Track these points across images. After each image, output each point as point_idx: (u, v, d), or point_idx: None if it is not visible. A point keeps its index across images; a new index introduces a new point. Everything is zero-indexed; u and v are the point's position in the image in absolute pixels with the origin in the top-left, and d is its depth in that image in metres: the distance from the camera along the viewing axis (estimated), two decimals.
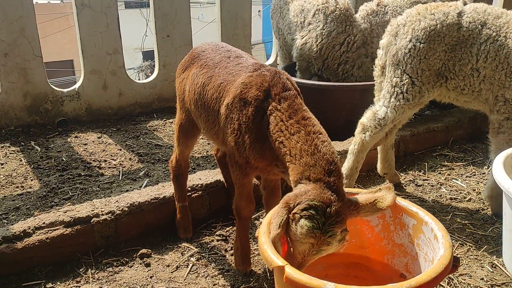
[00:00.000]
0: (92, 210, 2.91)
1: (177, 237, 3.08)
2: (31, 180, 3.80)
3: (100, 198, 3.16)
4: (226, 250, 2.97)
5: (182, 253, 2.94)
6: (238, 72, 2.45)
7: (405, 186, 3.84)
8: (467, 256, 2.93)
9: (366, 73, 4.83)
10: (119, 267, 2.79)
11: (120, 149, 4.43)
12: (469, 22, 3.10)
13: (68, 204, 3.36)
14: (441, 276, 1.80)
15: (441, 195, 3.68)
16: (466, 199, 3.62)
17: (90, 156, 4.27)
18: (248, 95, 2.29)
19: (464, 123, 4.75)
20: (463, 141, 4.71)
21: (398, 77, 3.24)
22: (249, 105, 2.28)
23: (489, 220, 3.33)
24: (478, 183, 3.87)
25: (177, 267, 2.81)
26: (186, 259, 2.88)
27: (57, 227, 2.78)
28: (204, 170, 3.72)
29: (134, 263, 2.84)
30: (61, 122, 4.92)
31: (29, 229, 2.73)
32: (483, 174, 4.03)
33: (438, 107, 5.22)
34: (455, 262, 1.94)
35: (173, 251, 2.96)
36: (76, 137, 4.69)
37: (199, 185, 3.27)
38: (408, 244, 2.29)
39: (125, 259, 2.86)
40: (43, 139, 4.60)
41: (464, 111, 4.64)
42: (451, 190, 3.76)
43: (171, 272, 2.76)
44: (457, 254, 2.91)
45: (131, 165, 4.11)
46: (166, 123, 5.15)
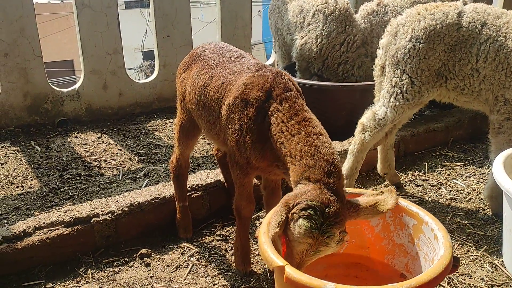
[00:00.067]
0: (92, 210, 2.91)
1: (177, 237, 3.08)
2: (31, 180, 3.80)
3: (100, 198, 3.16)
4: (226, 250, 2.97)
5: (182, 253, 2.94)
6: (239, 72, 2.45)
7: (405, 186, 3.84)
8: (467, 256, 2.93)
9: (366, 73, 4.82)
10: (119, 267, 2.79)
11: (120, 149, 4.43)
12: (469, 22, 3.10)
13: (68, 204, 3.36)
14: (441, 276, 1.80)
15: (441, 195, 3.69)
16: (466, 199, 3.62)
17: (90, 156, 4.27)
18: (250, 96, 2.29)
19: (464, 123, 4.75)
20: (463, 141, 4.71)
21: (397, 77, 3.24)
22: (250, 106, 2.28)
23: (489, 220, 3.33)
24: (478, 183, 3.87)
25: (177, 267, 2.81)
26: (186, 259, 2.88)
27: (57, 227, 2.79)
28: (204, 170, 3.73)
29: (134, 263, 2.84)
30: (61, 122, 4.92)
31: (29, 229, 2.73)
32: (483, 174, 4.03)
33: (438, 107, 5.22)
34: (455, 262, 1.94)
35: (173, 251, 2.96)
36: (76, 137, 4.69)
37: (199, 185, 3.27)
38: (408, 244, 2.29)
39: (125, 259, 2.86)
40: (43, 139, 4.60)
41: (464, 111, 4.64)
42: (451, 190, 3.76)
43: (171, 272, 2.76)
44: (457, 254, 2.91)
45: (131, 165, 4.12)
46: (166, 123, 5.15)
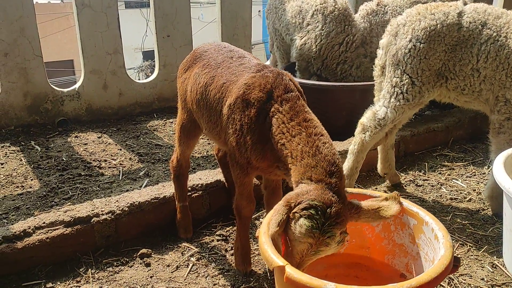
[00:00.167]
0: (92, 210, 2.91)
1: (177, 237, 3.08)
2: (31, 180, 3.80)
3: (100, 198, 3.16)
4: (226, 250, 2.97)
5: (182, 253, 2.93)
6: (241, 72, 2.45)
7: (405, 186, 3.84)
8: (468, 256, 2.93)
9: (365, 73, 4.83)
10: (119, 267, 2.79)
11: (120, 149, 4.43)
12: (470, 22, 3.10)
13: (68, 204, 3.36)
14: (441, 276, 1.80)
15: (441, 195, 3.68)
16: (467, 199, 3.62)
17: (90, 156, 4.27)
18: (251, 96, 2.29)
19: (464, 123, 4.75)
20: (464, 141, 4.71)
21: (398, 77, 3.24)
22: (251, 106, 2.28)
23: (490, 220, 3.33)
24: (478, 183, 3.87)
25: (177, 267, 2.81)
26: (186, 259, 2.88)
27: (57, 227, 2.78)
28: (204, 170, 3.72)
29: (134, 263, 2.83)
30: (61, 122, 4.91)
31: (29, 228, 2.73)
32: (483, 174, 4.03)
33: (438, 107, 5.22)
34: (455, 262, 1.94)
35: (173, 251, 2.96)
36: (76, 137, 4.69)
37: (199, 185, 3.27)
38: (409, 244, 2.29)
39: (125, 259, 2.86)
40: (43, 139, 4.60)
41: (464, 111, 4.64)
42: (451, 190, 3.76)
43: (171, 272, 2.76)
44: (458, 254, 2.91)
45: (131, 165, 4.11)
46: (166, 123, 5.15)
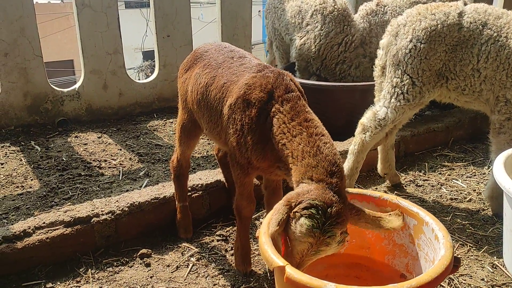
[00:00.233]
0: (92, 210, 2.91)
1: (177, 237, 3.08)
2: (31, 180, 3.80)
3: (100, 198, 3.16)
4: (226, 250, 2.97)
5: (182, 253, 2.93)
6: (241, 72, 2.44)
7: (405, 186, 3.83)
8: (468, 257, 2.93)
9: (364, 73, 4.83)
10: (119, 267, 2.79)
11: (120, 149, 4.43)
12: (470, 23, 3.10)
13: (68, 204, 3.36)
14: (442, 277, 1.80)
15: (441, 195, 3.68)
16: (467, 199, 3.62)
17: (90, 156, 4.26)
18: (252, 97, 2.29)
19: (464, 124, 4.75)
20: (464, 141, 4.71)
21: (398, 77, 3.24)
22: (252, 107, 2.28)
23: (490, 221, 3.32)
24: (478, 183, 3.87)
25: (177, 267, 2.81)
26: (186, 259, 2.88)
27: (57, 227, 2.78)
28: (205, 170, 3.72)
29: (134, 263, 2.83)
30: (61, 122, 4.91)
31: (29, 229, 2.73)
32: (483, 174, 4.03)
33: (438, 108, 5.22)
34: (455, 262, 1.93)
35: (173, 251, 2.96)
36: (76, 137, 4.68)
37: (200, 185, 3.27)
38: (409, 245, 2.29)
39: (125, 259, 2.86)
40: (43, 139, 4.60)
41: (464, 111, 4.64)
42: (451, 191, 3.75)
43: (171, 272, 2.76)
44: (458, 255, 2.90)
45: (131, 165, 4.11)
46: (166, 123, 5.15)
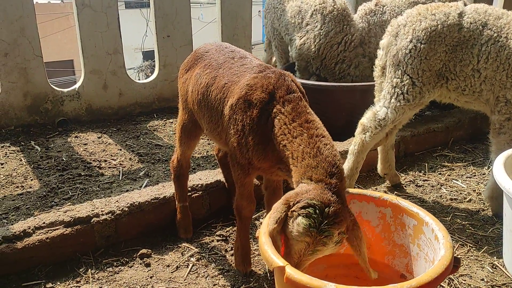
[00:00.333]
0: (92, 210, 2.91)
1: (177, 237, 3.08)
2: (31, 180, 3.80)
3: (100, 198, 3.16)
4: (226, 250, 2.97)
5: (182, 253, 2.93)
6: (242, 73, 2.44)
7: (405, 186, 3.84)
8: (468, 257, 2.93)
9: (363, 73, 4.84)
10: (119, 267, 2.79)
11: (120, 149, 4.43)
12: (470, 23, 3.10)
13: (68, 204, 3.36)
14: (441, 277, 1.80)
15: (441, 195, 3.68)
16: (467, 199, 3.62)
17: (90, 156, 4.26)
18: (253, 97, 2.29)
19: (464, 124, 4.75)
20: (464, 141, 4.71)
21: (398, 77, 3.24)
22: (253, 107, 2.28)
23: (490, 221, 3.32)
24: (478, 183, 3.87)
25: (177, 267, 2.81)
26: (186, 259, 2.88)
27: (57, 227, 2.78)
28: (205, 170, 3.72)
29: (134, 263, 2.83)
30: (61, 122, 4.91)
31: (29, 229, 2.73)
32: (483, 174, 4.03)
33: (438, 108, 5.22)
34: (455, 262, 1.94)
35: (173, 251, 2.96)
36: (76, 137, 4.68)
37: (199, 185, 3.27)
38: (409, 245, 2.29)
39: (125, 259, 2.86)
40: (43, 139, 4.60)
41: (464, 111, 4.64)
42: (451, 191, 3.76)
43: (171, 272, 2.76)
44: (458, 255, 2.90)
45: (131, 165, 4.11)
46: (166, 123, 5.15)
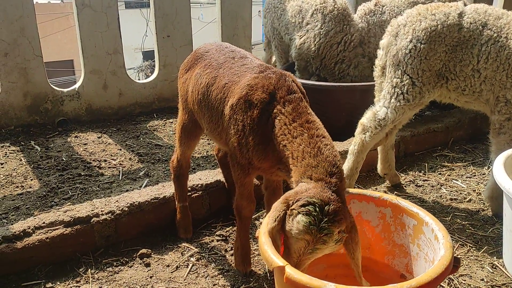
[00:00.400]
0: (92, 210, 2.91)
1: (177, 237, 3.08)
2: (31, 179, 3.80)
3: (100, 198, 3.16)
4: (226, 250, 2.97)
5: (182, 253, 2.93)
6: (243, 73, 2.44)
7: (405, 186, 3.84)
8: (468, 257, 2.93)
9: (362, 73, 4.84)
10: (119, 267, 2.79)
11: (120, 149, 4.43)
12: (470, 23, 3.10)
13: (68, 204, 3.36)
14: (441, 277, 1.80)
15: (441, 195, 3.68)
16: (467, 199, 3.62)
17: (90, 156, 4.26)
18: (254, 97, 2.29)
19: (464, 124, 4.75)
20: (464, 141, 4.71)
21: (398, 77, 3.24)
22: (254, 107, 2.28)
23: (490, 221, 3.32)
24: (478, 183, 3.87)
25: (177, 267, 2.81)
26: (186, 259, 2.88)
27: (57, 227, 2.78)
28: (204, 170, 3.72)
29: (134, 263, 2.83)
30: (61, 122, 4.91)
31: (29, 228, 2.73)
32: (483, 174, 4.03)
33: (438, 108, 5.22)
34: (455, 262, 1.94)
35: (173, 251, 2.96)
36: (76, 137, 4.68)
37: (199, 185, 3.27)
38: (409, 245, 2.29)
39: (125, 259, 2.86)
40: (43, 139, 4.60)
41: (464, 111, 4.64)
42: (451, 191, 3.75)
43: (171, 272, 2.76)
44: (458, 255, 2.90)
45: (131, 165, 4.11)
46: (166, 123, 5.15)
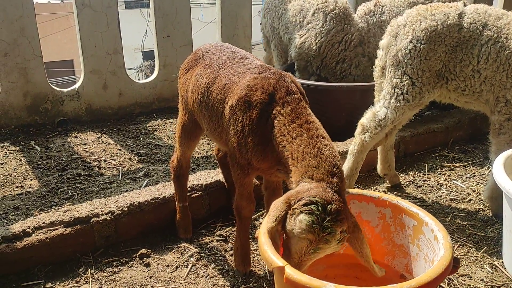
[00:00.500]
0: (92, 210, 2.91)
1: (177, 237, 3.08)
2: (31, 180, 3.80)
3: (100, 198, 3.16)
4: (226, 250, 2.97)
5: (181, 253, 2.93)
6: (243, 73, 2.44)
7: (405, 187, 3.84)
8: (467, 257, 2.93)
9: (364, 72, 4.85)
10: (119, 267, 2.79)
11: (120, 149, 4.43)
12: (470, 23, 3.10)
13: (68, 204, 3.36)
14: (441, 277, 1.80)
15: (441, 196, 3.68)
16: (466, 200, 3.62)
17: (90, 156, 4.26)
18: (253, 98, 2.29)
19: (464, 124, 4.75)
20: (463, 142, 4.71)
21: (398, 78, 3.24)
22: (253, 108, 2.28)
23: (489, 221, 3.32)
24: (478, 184, 3.87)
25: (176, 267, 2.81)
26: (185, 259, 2.88)
27: (57, 227, 2.78)
28: (204, 170, 3.72)
29: (133, 263, 2.83)
30: (61, 122, 4.91)
31: (28, 229, 2.73)
32: (483, 175, 4.03)
33: (438, 108, 5.22)
34: (455, 263, 1.94)
35: (173, 251, 2.96)
36: (76, 137, 4.68)
37: (199, 185, 3.27)
38: (408, 245, 2.29)
39: (125, 259, 2.85)
40: (43, 139, 4.60)
41: (464, 112, 4.64)
42: (451, 191, 3.76)
43: (171, 272, 2.76)
44: (457, 255, 2.90)
45: (131, 165, 4.11)
46: (166, 123, 5.14)
